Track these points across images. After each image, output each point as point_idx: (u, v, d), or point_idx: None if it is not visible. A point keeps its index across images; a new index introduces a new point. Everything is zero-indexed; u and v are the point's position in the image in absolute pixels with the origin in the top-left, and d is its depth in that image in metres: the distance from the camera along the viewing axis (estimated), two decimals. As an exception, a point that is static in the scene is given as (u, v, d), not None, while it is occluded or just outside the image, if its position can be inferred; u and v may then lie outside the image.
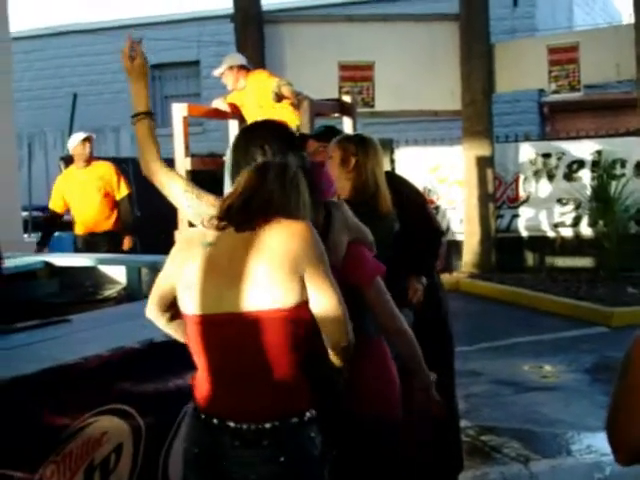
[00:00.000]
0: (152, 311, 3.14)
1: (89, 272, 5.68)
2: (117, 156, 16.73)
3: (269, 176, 2.94)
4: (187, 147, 7.84)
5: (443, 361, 5.14)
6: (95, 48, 23.86)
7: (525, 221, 14.98)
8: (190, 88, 23.48)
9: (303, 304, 2.81)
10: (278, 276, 2.78)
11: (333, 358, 2.94)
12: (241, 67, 8.63)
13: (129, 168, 11.44)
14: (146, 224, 11.24)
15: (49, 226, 9.92)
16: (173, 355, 3.09)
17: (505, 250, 14.85)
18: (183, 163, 7.77)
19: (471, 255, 14.77)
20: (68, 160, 12.59)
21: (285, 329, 2.80)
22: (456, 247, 15.06)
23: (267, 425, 2.77)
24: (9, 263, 5.45)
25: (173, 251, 3.04)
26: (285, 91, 8.15)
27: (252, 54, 12.25)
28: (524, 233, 15.04)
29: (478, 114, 14.51)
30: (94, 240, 9.43)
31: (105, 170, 9.74)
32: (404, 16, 14.93)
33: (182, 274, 2.94)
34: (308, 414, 2.85)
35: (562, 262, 14.65)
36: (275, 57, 13.53)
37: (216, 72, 8.77)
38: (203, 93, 21.65)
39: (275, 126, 3.48)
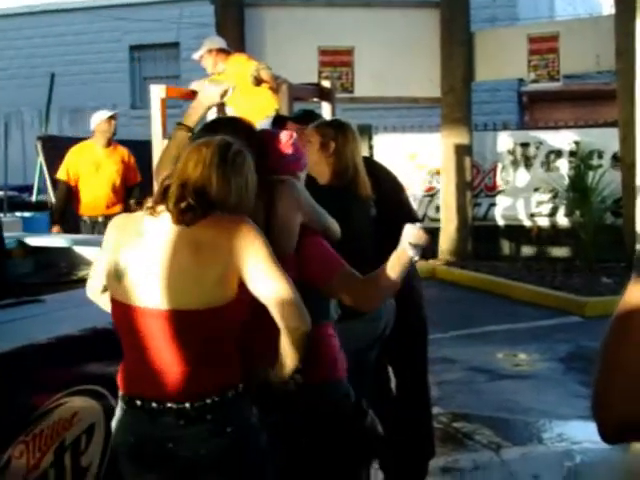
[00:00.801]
0: (91, 290, 3.17)
1: (64, 253, 5.66)
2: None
3: (208, 156, 2.88)
4: (164, 129, 7.81)
5: (417, 348, 5.16)
6: (74, 28, 23.76)
7: (502, 210, 15.01)
8: (169, 70, 23.40)
9: (235, 303, 2.82)
10: (208, 276, 2.78)
11: (290, 348, 2.89)
12: (220, 50, 8.62)
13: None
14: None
15: (64, 200, 9.25)
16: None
17: (482, 238, 14.88)
18: (160, 145, 7.75)
19: (448, 243, 14.78)
20: (45, 140, 12.50)
21: (213, 327, 2.83)
22: (433, 234, 15.05)
23: (208, 401, 2.81)
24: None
25: (107, 234, 3.02)
26: (264, 75, 8.16)
27: (232, 37, 12.19)
28: (501, 222, 15.07)
29: (457, 102, 14.51)
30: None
31: (125, 154, 9.41)
32: (385, 2, 14.89)
33: (114, 259, 2.91)
34: (241, 385, 2.89)
35: (538, 251, 14.70)
36: (255, 40, 13.48)
37: (195, 55, 8.75)
38: (182, 75, 21.55)
39: (235, 121, 3.49)
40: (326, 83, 9.43)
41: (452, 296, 12.23)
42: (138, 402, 2.88)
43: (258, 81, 8.15)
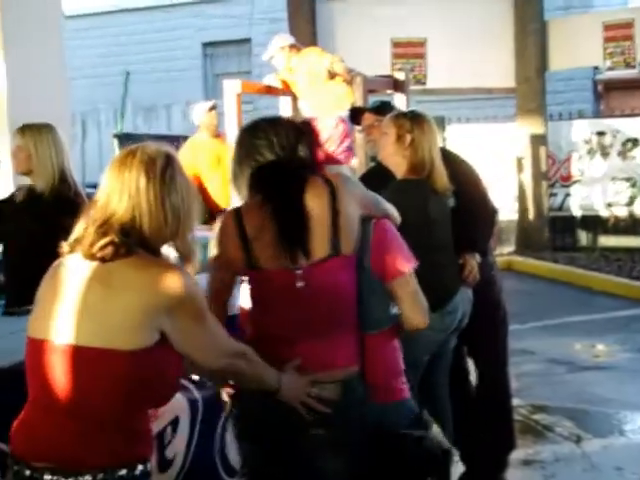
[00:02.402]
0: None
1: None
2: (169, 134, 16.80)
3: (132, 179, 2.48)
4: (240, 124, 7.83)
5: (497, 339, 5.12)
6: (147, 26, 23.97)
7: (578, 200, 14.86)
8: (241, 66, 23.47)
9: (147, 350, 2.40)
10: (115, 318, 2.38)
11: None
12: (292, 46, 8.64)
13: (180, 146, 11.44)
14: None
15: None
16: (231, 328, 3.06)
17: (558, 229, 14.77)
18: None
19: (524, 234, 14.68)
20: (122, 137, 12.65)
21: (118, 373, 2.38)
22: (509, 225, 14.98)
23: (87, 477, 2.35)
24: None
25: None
26: (338, 68, 8.18)
27: (303, 31, 12.27)
28: (577, 212, 14.92)
29: (532, 91, 14.39)
30: None
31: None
32: (457, -7, 14.82)
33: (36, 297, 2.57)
34: (141, 467, 2.44)
35: (615, 241, 14.51)
36: (327, 34, 13.49)
37: (265, 56, 8.74)
38: (254, 71, 21.61)
39: (280, 119, 3.26)
40: (400, 75, 9.40)
41: (529, 287, 12.14)
42: (15, 467, 2.43)
43: (332, 74, 8.18)
